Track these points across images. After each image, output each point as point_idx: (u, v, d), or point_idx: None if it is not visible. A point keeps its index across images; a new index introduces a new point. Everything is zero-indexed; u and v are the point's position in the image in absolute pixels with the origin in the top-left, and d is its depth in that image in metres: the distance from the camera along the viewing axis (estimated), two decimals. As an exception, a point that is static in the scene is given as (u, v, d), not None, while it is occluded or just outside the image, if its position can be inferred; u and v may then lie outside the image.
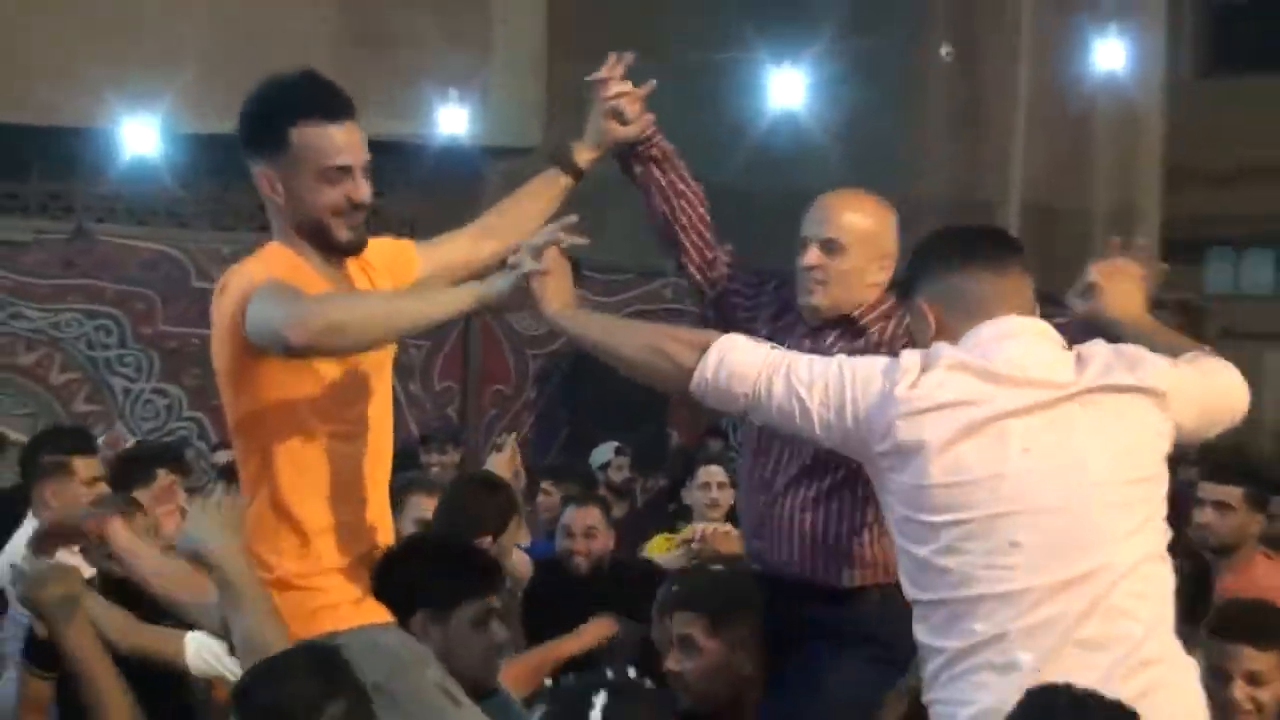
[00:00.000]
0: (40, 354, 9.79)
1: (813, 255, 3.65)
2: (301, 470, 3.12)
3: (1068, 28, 12.48)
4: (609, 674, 3.12)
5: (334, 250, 3.15)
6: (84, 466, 5.23)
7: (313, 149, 3.11)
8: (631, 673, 4.29)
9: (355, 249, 3.16)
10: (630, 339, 3.05)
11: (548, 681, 4.52)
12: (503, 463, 5.16)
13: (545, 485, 7.12)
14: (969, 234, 3.12)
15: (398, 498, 5.38)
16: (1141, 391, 2.87)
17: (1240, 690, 3.74)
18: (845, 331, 3.68)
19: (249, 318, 2.94)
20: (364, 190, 3.13)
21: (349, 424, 3.18)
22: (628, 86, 3.52)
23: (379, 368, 3.25)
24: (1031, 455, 2.75)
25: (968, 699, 2.70)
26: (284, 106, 3.15)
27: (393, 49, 11.55)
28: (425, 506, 5.03)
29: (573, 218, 3.10)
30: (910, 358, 2.83)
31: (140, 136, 10.39)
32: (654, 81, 3.55)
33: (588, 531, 5.44)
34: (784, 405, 2.85)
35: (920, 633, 2.81)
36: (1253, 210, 14.84)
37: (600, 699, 2.67)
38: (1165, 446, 2.91)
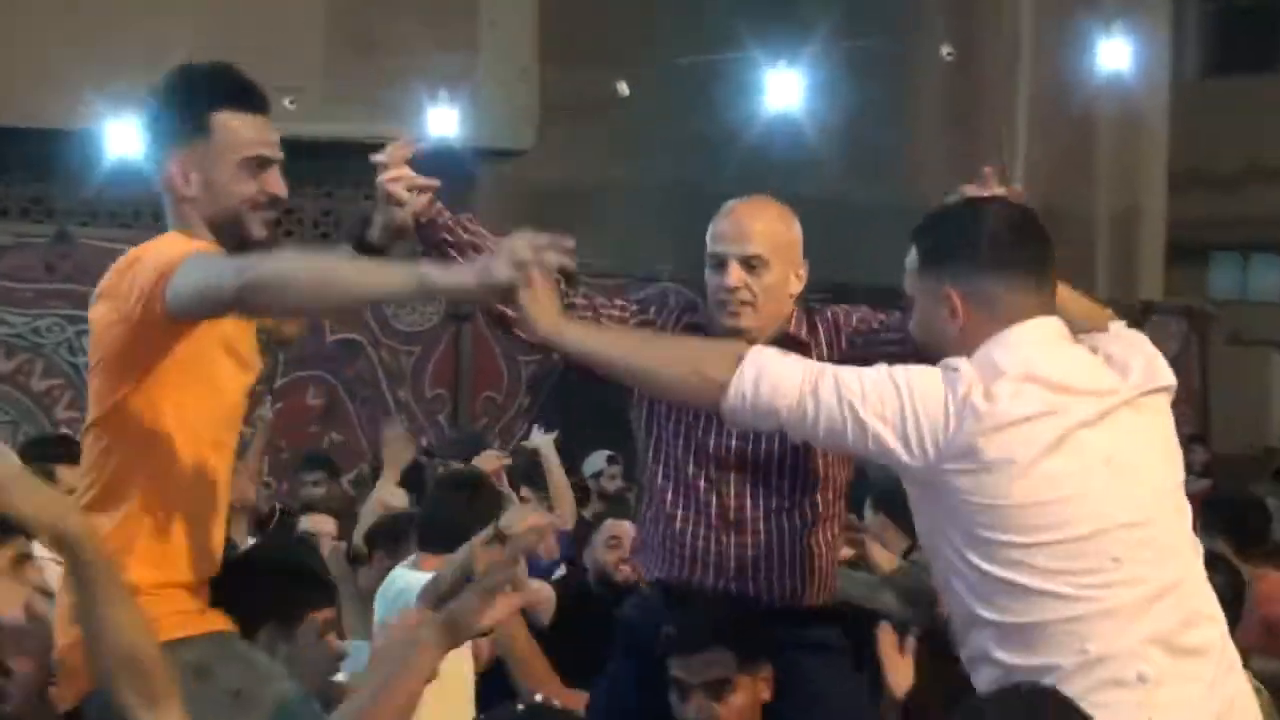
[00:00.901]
0: (21, 360, 9.78)
1: (735, 275, 3.43)
2: (173, 476, 2.98)
3: (1069, 28, 12.49)
4: (519, 706, 2.98)
5: (244, 247, 3.02)
6: (70, 475, 5.23)
7: (235, 137, 3.03)
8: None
9: (266, 247, 3.03)
10: (650, 354, 2.87)
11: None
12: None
13: (523, 492, 6.91)
14: (1016, 234, 2.90)
15: None
16: (1167, 390, 2.90)
17: None
18: (788, 337, 3.47)
19: (177, 284, 2.78)
20: (282, 186, 3.08)
21: (224, 441, 3.09)
22: (404, 170, 3.38)
23: (250, 395, 3.21)
24: (1112, 466, 2.70)
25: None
26: (206, 92, 3.07)
27: (383, 52, 11.57)
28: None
29: (569, 241, 2.80)
30: (967, 367, 2.72)
31: (122, 138, 10.39)
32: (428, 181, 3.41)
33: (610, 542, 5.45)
34: (833, 418, 2.70)
35: (1000, 652, 2.70)
36: (1259, 214, 14.85)
37: None
38: None
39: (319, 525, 6.43)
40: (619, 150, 12.27)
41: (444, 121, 11.00)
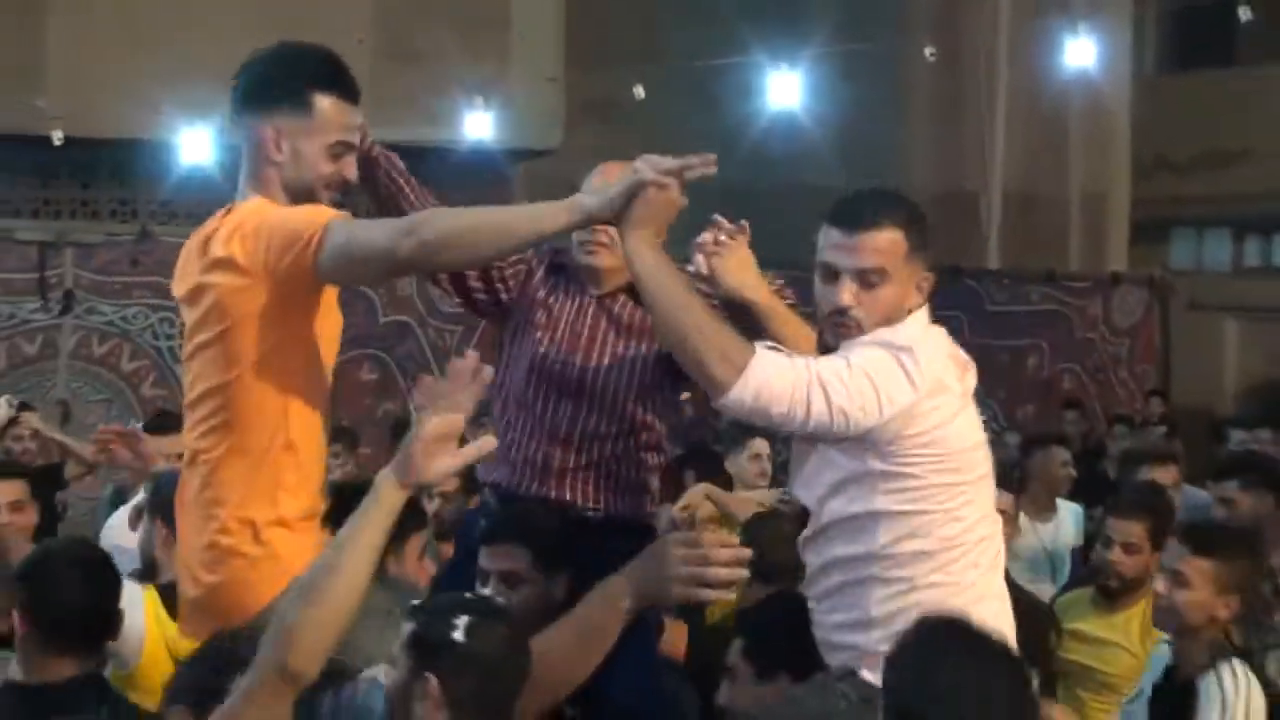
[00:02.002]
0: (111, 344, 9.84)
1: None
2: (305, 417, 2.97)
3: (1041, 29, 12.45)
4: (468, 595, 3.01)
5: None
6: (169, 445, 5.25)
7: (330, 120, 2.99)
8: None
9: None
10: (688, 318, 2.83)
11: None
12: None
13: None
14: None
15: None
16: None
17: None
18: (627, 302, 3.60)
19: (331, 248, 2.73)
20: (354, 172, 3.07)
21: (329, 384, 3.08)
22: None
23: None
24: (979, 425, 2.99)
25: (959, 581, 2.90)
26: (312, 71, 3.02)
27: (422, 62, 11.55)
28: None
29: (711, 156, 2.94)
30: (911, 345, 2.86)
31: (195, 145, 10.42)
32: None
33: None
34: (823, 423, 2.79)
35: (912, 576, 2.88)
36: (1213, 194, 14.80)
37: (463, 620, 2.68)
38: None
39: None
40: (637, 147, 12.19)
41: (479, 125, 10.98)
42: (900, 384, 2.81)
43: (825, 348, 2.99)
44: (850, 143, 12.34)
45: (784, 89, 10.49)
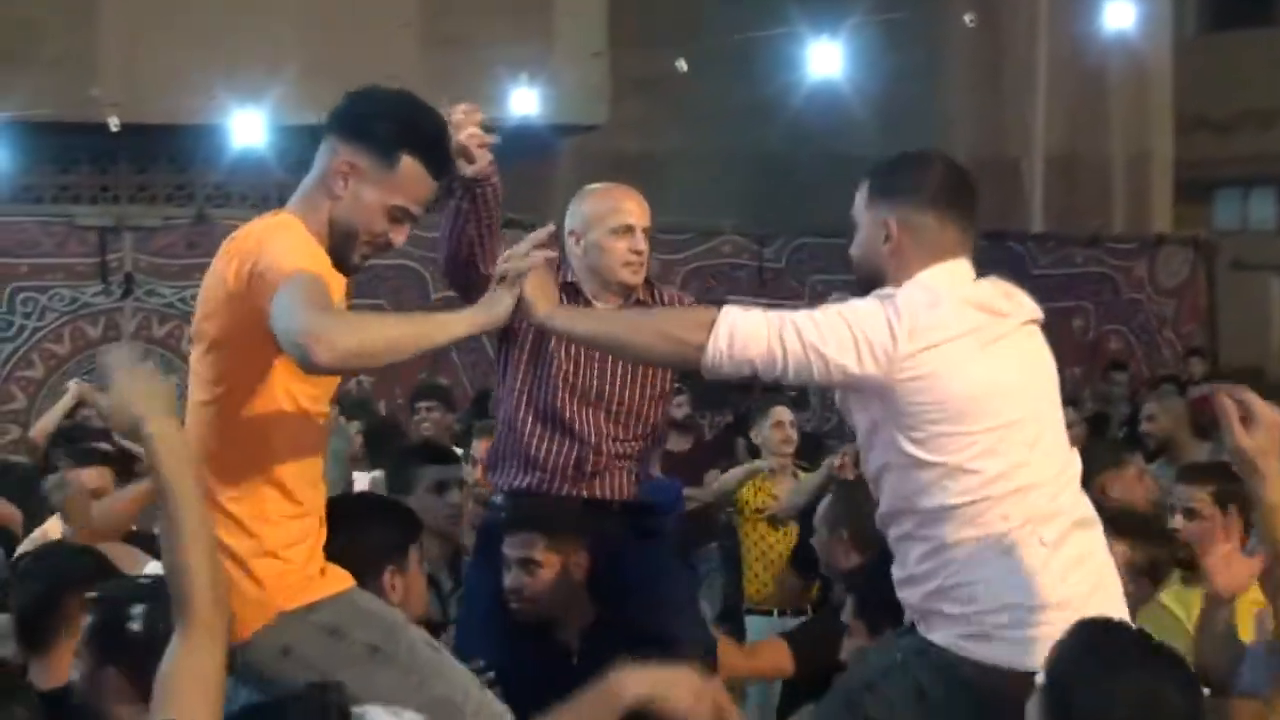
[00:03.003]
0: (171, 326, 9.95)
1: (642, 241, 3.78)
2: (293, 440, 2.85)
3: (1080, -7, 12.32)
4: (144, 579, 2.88)
5: (338, 263, 2.87)
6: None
7: (406, 185, 2.88)
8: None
9: (351, 273, 2.94)
10: (632, 330, 3.00)
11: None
12: None
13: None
14: (955, 176, 3.06)
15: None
16: (1039, 321, 3.04)
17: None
18: (639, 302, 3.85)
19: (276, 308, 2.62)
20: (402, 241, 2.95)
21: (324, 405, 2.96)
22: (478, 131, 3.32)
23: None
24: (1023, 372, 2.90)
25: (990, 577, 2.81)
26: (411, 132, 2.89)
27: (469, 44, 11.58)
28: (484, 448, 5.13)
29: (550, 227, 3.00)
30: (903, 294, 2.87)
31: (249, 129, 10.49)
32: (494, 137, 3.36)
33: None
34: (801, 361, 2.82)
35: (942, 533, 2.84)
36: (1257, 152, 14.65)
37: (139, 608, 2.61)
38: None
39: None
40: (681, 120, 12.23)
41: (525, 102, 11.00)
42: (878, 326, 2.81)
43: None
44: (891, 111, 12.28)
45: (824, 59, 10.45)
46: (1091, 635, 2.38)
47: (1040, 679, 2.32)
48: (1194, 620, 3.90)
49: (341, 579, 2.91)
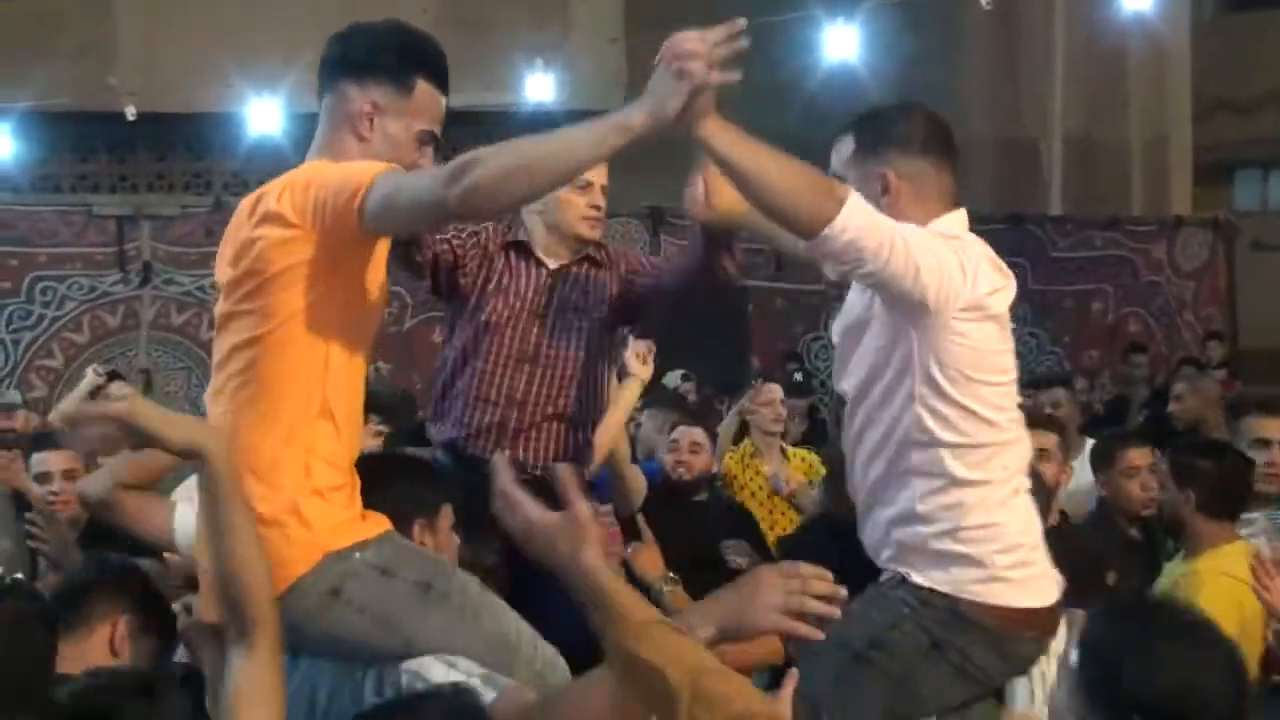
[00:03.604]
0: (190, 314, 9.97)
1: (600, 197, 3.80)
2: (341, 381, 2.78)
3: (1098, -26, 12.26)
4: None
5: None
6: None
7: (425, 107, 2.88)
8: None
9: None
10: (781, 170, 2.80)
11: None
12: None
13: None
14: (939, 124, 3.11)
15: None
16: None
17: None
18: (588, 259, 3.87)
19: (377, 200, 2.58)
20: (428, 164, 2.91)
21: (369, 348, 2.89)
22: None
23: None
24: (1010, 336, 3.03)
25: (1002, 519, 2.95)
26: (421, 56, 2.90)
27: (485, 29, 11.57)
28: None
29: (742, 22, 2.78)
30: (960, 236, 2.96)
31: (266, 117, 10.49)
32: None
33: (693, 448, 5.39)
34: (899, 267, 2.81)
35: (952, 471, 2.94)
36: (1276, 134, 14.57)
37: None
38: None
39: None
40: (698, 105, 12.19)
41: (541, 88, 10.99)
42: (954, 266, 2.87)
43: None
44: (908, 94, 12.15)
45: (841, 43, 10.42)
46: (1133, 608, 2.43)
47: (1075, 653, 2.33)
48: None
49: (381, 521, 2.82)
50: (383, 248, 2.83)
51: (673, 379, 8.23)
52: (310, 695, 2.78)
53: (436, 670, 2.67)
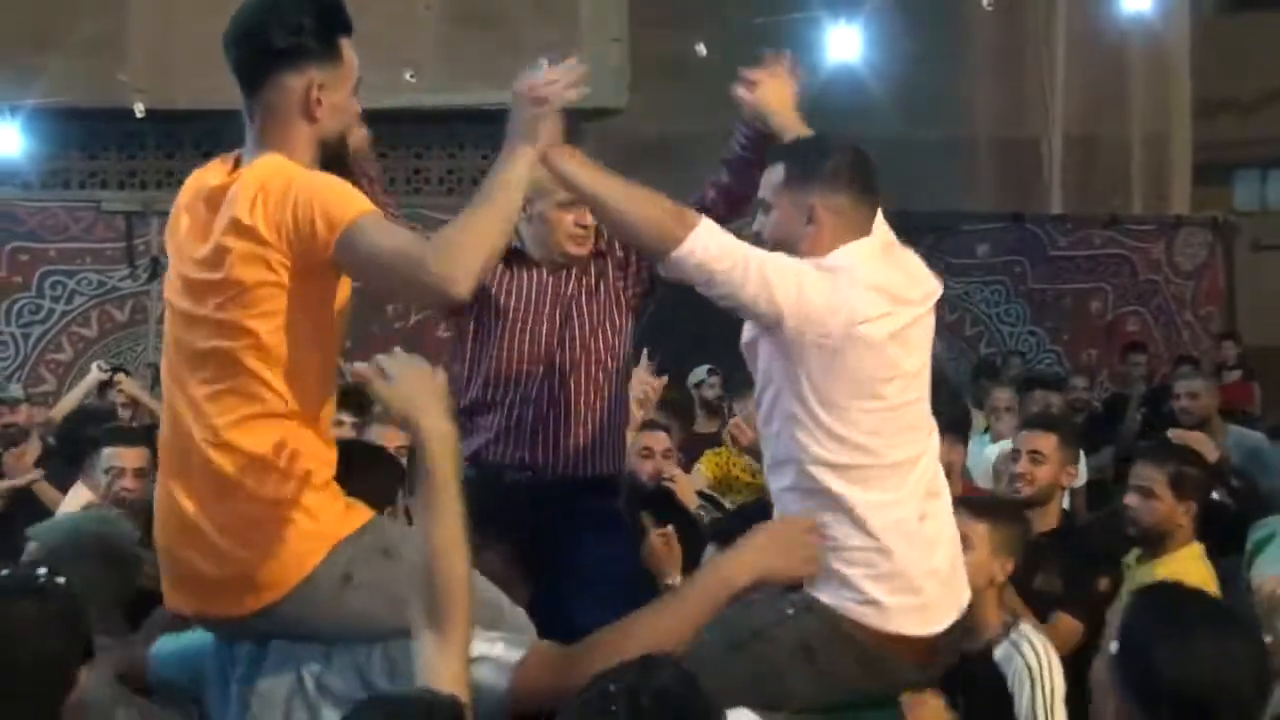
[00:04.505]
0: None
1: (588, 214, 3.71)
2: (320, 384, 2.81)
3: (1099, -25, 12.25)
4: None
5: (340, 170, 2.83)
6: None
7: (353, 62, 2.84)
8: None
9: (358, 157, 2.95)
10: (628, 198, 3.00)
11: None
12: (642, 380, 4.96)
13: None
14: (864, 161, 3.19)
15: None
16: (936, 297, 3.19)
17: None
18: (580, 270, 3.86)
19: (357, 245, 2.59)
20: (358, 109, 2.92)
21: (342, 340, 2.91)
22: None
23: None
24: (915, 357, 3.06)
25: (887, 545, 2.98)
26: (335, 18, 2.83)
27: (491, 27, 11.54)
28: None
29: (582, 68, 3.02)
30: (841, 271, 3.00)
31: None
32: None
33: (643, 452, 5.30)
34: (754, 292, 2.93)
35: (830, 489, 2.99)
36: (1275, 134, 14.56)
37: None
38: None
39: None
40: (701, 104, 12.14)
41: (548, 86, 10.97)
42: (821, 293, 2.95)
43: None
44: (911, 94, 12.22)
45: (844, 43, 10.41)
46: (1165, 599, 2.49)
47: (1113, 644, 2.38)
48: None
49: (365, 508, 2.87)
50: None
51: (699, 373, 8.25)
52: (295, 679, 2.79)
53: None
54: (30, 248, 10.00)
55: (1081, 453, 5.40)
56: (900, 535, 2.99)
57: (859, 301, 2.97)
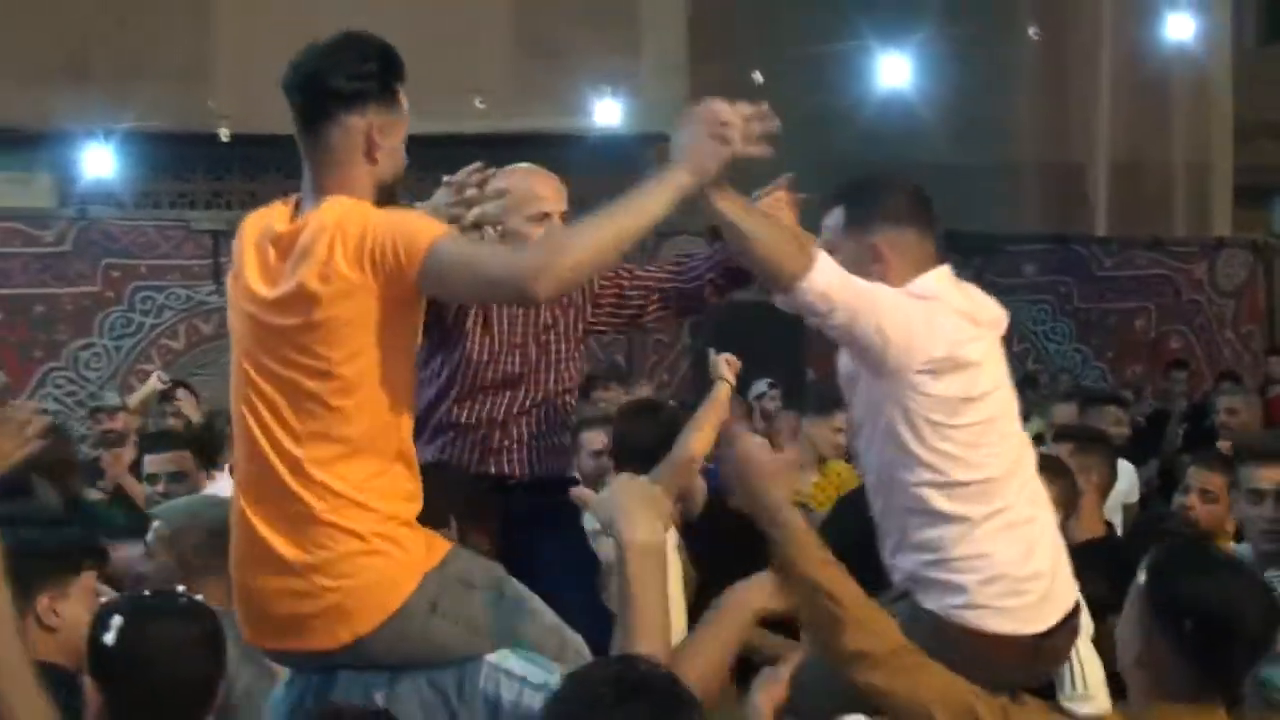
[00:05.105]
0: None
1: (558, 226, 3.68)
2: (407, 418, 2.78)
3: (1141, 5, 12.15)
4: (145, 592, 2.69)
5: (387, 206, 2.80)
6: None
7: (405, 113, 2.83)
8: None
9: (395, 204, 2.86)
10: (766, 228, 2.98)
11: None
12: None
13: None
14: (921, 196, 3.18)
15: (572, 434, 5.34)
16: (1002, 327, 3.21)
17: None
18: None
19: (443, 266, 2.57)
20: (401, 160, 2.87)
21: (415, 375, 2.88)
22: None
23: None
24: (997, 374, 3.07)
25: (990, 550, 2.99)
26: (393, 67, 2.81)
27: (557, 56, 11.61)
28: (597, 441, 5.03)
29: (764, 108, 2.87)
30: (929, 299, 3.00)
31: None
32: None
33: None
34: (870, 321, 2.93)
35: (939, 509, 2.99)
36: (1315, 158, 14.39)
37: (115, 620, 2.47)
38: None
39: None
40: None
41: (609, 112, 11.02)
42: (920, 321, 2.95)
43: None
44: (959, 120, 12.17)
45: (895, 71, 10.39)
46: (1186, 545, 2.83)
47: (1141, 576, 2.54)
48: None
49: (440, 538, 2.85)
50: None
51: (760, 386, 8.24)
52: (363, 701, 2.76)
53: (513, 661, 2.74)
54: (122, 264, 10.13)
55: (1134, 470, 5.39)
56: (1005, 541, 3.00)
57: (954, 326, 2.98)
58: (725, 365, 4.36)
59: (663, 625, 2.41)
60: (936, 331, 2.95)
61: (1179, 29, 10.61)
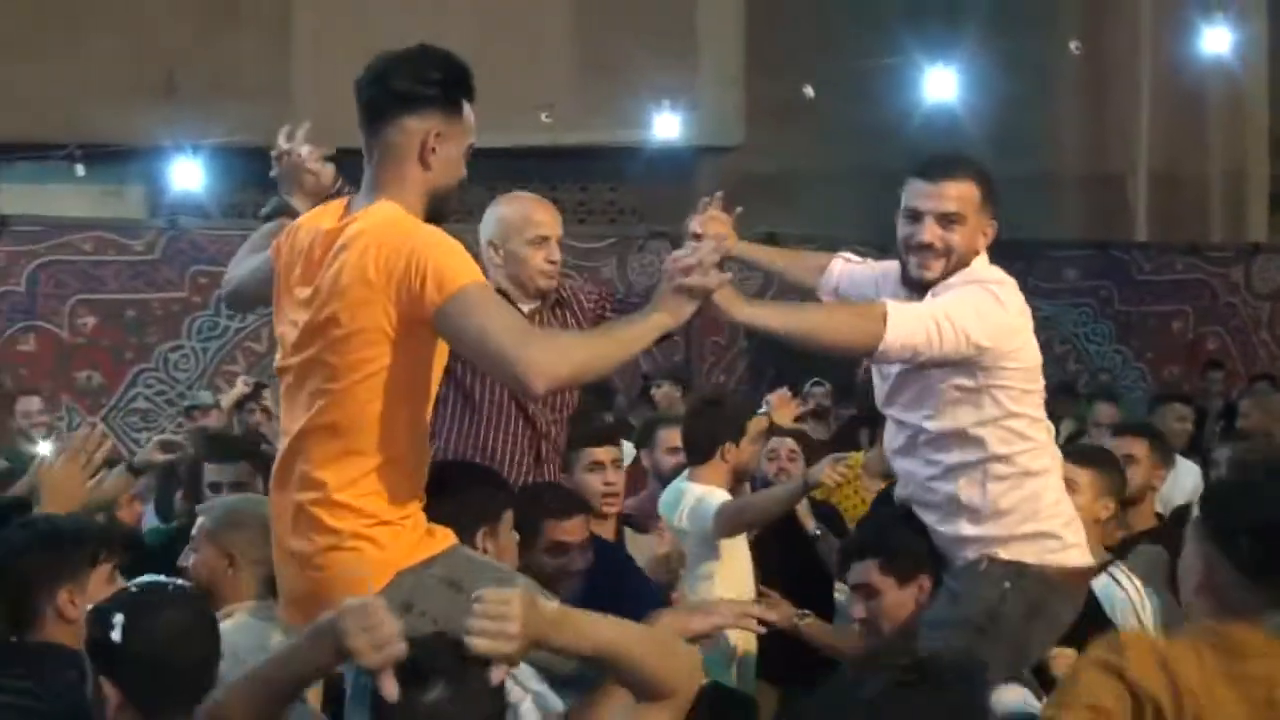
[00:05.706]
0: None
1: (556, 250, 3.78)
2: (419, 423, 2.78)
3: (1179, 20, 12.03)
4: (134, 587, 2.63)
5: (439, 220, 2.78)
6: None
7: (469, 126, 2.81)
8: None
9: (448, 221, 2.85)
10: (823, 323, 3.10)
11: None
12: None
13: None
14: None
15: (647, 433, 5.35)
16: None
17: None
18: (558, 301, 3.87)
19: (470, 330, 2.56)
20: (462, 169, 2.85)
21: (434, 384, 2.84)
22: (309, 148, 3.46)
23: None
24: None
25: (1061, 496, 3.31)
26: (464, 80, 2.80)
27: (617, 70, 11.63)
28: (673, 439, 5.04)
29: (723, 247, 3.00)
30: (1004, 281, 3.19)
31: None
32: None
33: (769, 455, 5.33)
34: (951, 340, 3.04)
35: (1025, 468, 3.20)
36: (1349, 167, 14.18)
37: (118, 618, 2.46)
38: None
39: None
40: (811, 141, 12.14)
41: (668, 125, 11.01)
42: (994, 309, 3.11)
43: (907, 279, 3.27)
44: (1003, 132, 12.07)
45: (941, 84, 10.33)
46: (1236, 472, 3.22)
47: (1195, 509, 2.57)
48: None
49: (447, 536, 2.80)
50: None
51: (808, 387, 8.21)
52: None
53: (525, 672, 2.68)
54: (209, 271, 10.23)
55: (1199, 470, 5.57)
56: (1061, 487, 3.30)
57: (1022, 302, 3.18)
58: (780, 402, 4.52)
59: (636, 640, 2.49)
60: (1011, 308, 3.12)
61: (1215, 42, 10.49)
